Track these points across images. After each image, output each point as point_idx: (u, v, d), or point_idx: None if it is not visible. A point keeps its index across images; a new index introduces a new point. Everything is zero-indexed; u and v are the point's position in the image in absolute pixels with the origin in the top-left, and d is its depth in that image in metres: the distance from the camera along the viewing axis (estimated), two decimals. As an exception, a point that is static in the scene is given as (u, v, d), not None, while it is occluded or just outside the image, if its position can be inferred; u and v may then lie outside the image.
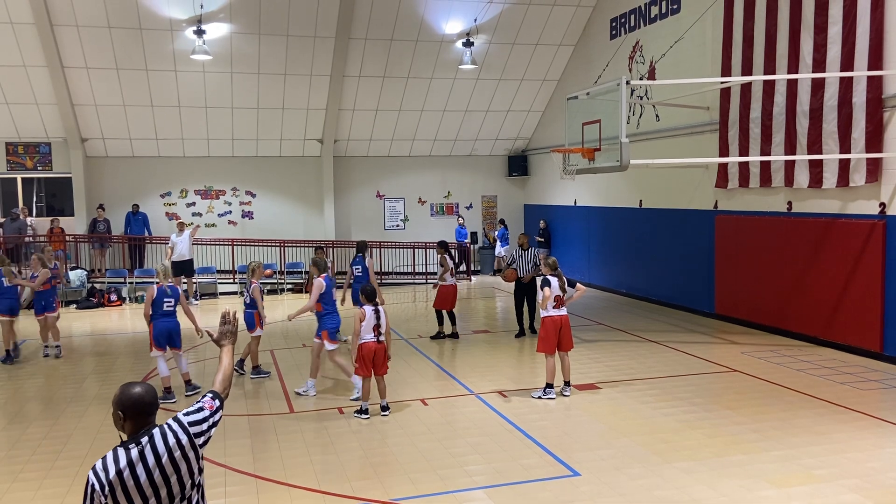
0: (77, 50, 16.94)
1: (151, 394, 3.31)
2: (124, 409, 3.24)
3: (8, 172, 19.21)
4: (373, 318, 8.28)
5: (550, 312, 9.03)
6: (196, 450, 3.32)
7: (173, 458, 3.24)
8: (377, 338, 8.29)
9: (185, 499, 3.30)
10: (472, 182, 22.71)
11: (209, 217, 20.58)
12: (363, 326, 8.27)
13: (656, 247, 15.91)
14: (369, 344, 8.28)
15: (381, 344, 8.33)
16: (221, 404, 3.53)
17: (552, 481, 6.47)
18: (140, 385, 3.33)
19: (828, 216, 11.41)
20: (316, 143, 20.65)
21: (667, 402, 8.75)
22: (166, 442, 3.24)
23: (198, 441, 3.33)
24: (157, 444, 3.22)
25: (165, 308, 9.42)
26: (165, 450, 3.22)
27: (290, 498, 6.26)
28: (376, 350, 8.30)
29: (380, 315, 8.30)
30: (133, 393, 3.27)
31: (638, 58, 16.35)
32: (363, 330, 8.28)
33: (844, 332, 11.08)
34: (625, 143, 10.48)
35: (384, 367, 8.43)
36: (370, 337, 8.28)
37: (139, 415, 3.24)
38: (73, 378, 10.66)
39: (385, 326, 8.35)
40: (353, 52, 18.35)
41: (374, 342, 8.28)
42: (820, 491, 6.12)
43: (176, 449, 3.25)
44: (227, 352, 3.82)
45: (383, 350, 8.37)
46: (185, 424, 3.33)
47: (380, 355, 8.33)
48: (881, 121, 10.43)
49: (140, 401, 3.26)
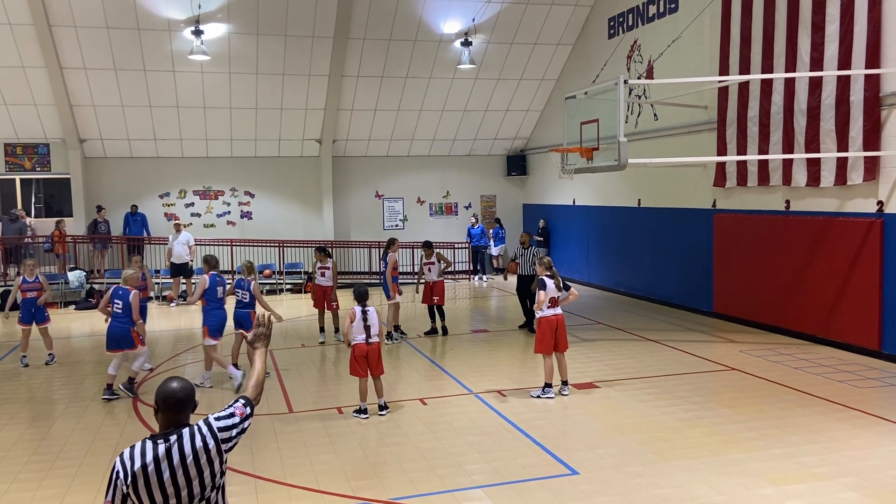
0: (75, 50, 16.94)
1: (186, 391, 3.33)
2: (157, 401, 3.32)
3: (6, 173, 19.21)
4: (362, 318, 8.28)
5: (546, 313, 9.05)
6: (221, 455, 3.32)
7: (198, 461, 3.25)
8: (367, 339, 8.29)
9: (205, 499, 3.31)
10: (471, 182, 22.71)
11: (208, 217, 20.58)
12: (353, 327, 8.28)
13: (655, 246, 15.92)
14: (360, 345, 8.29)
15: (373, 345, 8.33)
16: (252, 411, 3.51)
17: (551, 480, 6.48)
18: (178, 381, 3.36)
19: (825, 215, 11.42)
20: (314, 144, 20.65)
21: (665, 400, 8.76)
22: (194, 444, 3.25)
23: (224, 447, 3.33)
24: (184, 444, 3.24)
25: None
26: (192, 451, 3.24)
27: (289, 497, 6.27)
28: (368, 351, 8.30)
29: (367, 316, 8.30)
30: (167, 388, 3.32)
31: (636, 57, 16.36)
32: (354, 330, 8.29)
33: (843, 330, 11.10)
34: (623, 142, 10.49)
35: (379, 368, 8.44)
36: (361, 338, 8.28)
37: (169, 410, 3.29)
38: (72, 379, 10.66)
39: (377, 327, 8.35)
40: (352, 52, 18.35)
41: (364, 344, 8.28)
42: (818, 489, 6.13)
43: (203, 453, 3.26)
44: (260, 356, 3.80)
45: (376, 351, 8.37)
46: (215, 429, 3.33)
47: (373, 356, 8.33)
48: (879, 119, 10.44)
49: (171, 396, 3.30)
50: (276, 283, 19.51)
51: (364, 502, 6.14)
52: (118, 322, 9.50)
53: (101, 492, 6.47)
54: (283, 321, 10.41)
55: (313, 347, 12.38)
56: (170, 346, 12.86)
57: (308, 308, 14.76)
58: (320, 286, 12.52)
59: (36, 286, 11.53)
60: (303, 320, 14.98)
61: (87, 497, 6.30)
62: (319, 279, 12.52)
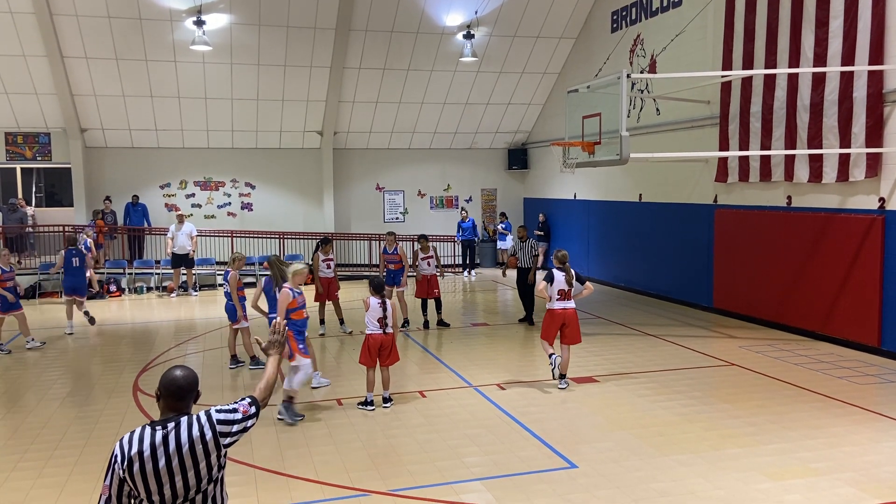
0: (77, 40, 16.90)
1: (188, 379, 3.36)
2: (160, 387, 3.36)
3: (7, 162, 19.19)
4: (378, 310, 8.29)
5: (555, 305, 9.07)
6: (220, 448, 3.33)
7: (194, 451, 3.26)
8: (383, 330, 8.31)
9: (201, 492, 3.31)
10: (472, 175, 22.69)
11: (208, 208, 20.57)
12: (367, 317, 8.32)
13: (655, 241, 15.91)
14: (375, 336, 8.33)
15: (389, 336, 8.36)
16: (258, 412, 3.51)
17: (550, 473, 6.49)
18: (182, 369, 3.40)
19: (827, 211, 11.42)
20: (316, 135, 20.62)
21: (664, 395, 8.77)
22: (191, 433, 3.27)
23: (223, 441, 3.33)
24: (181, 432, 3.26)
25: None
26: (188, 440, 3.25)
27: (289, 489, 6.28)
28: (382, 341, 8.33)
29: (385, 308, 8.31)
30: (170, 375, 3.36)
31: (639, 51, 16.32)
32: (368, 321, 8.32)
33: (842, 326, 11.10)
34: (625, 136, 10.47)
35: (391, 359, 8.45)
36: (375, 328, 8.31)
37: (169, 397, 3.33)
38: (72, 368, 10.68)
39: (392, 319, 8.37)
40: (354, 44, 18.30)
41: (380, 334, 8.32)
42: (816, 484, 6.14)
43: (199, 443, 3.27)
44: (273, 361, 3.81)
45: (391, 342, 8.39)
46: (214, 421, 3.34)
47: (386, 347, 8.37)
48: (881, 116, 10.42)
49: (172, 383, 3.33)
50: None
51: (363, 494, 6.15)
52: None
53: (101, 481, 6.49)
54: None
55: (313, 339, 12.36)
56: (171, 337, 12.86)
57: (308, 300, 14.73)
58: (325, 278, 12.47)
59: (10, 276, 11.79)
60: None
61: (86, 486, 6.32)
62: (325, 271, 12.45)
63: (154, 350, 11.64)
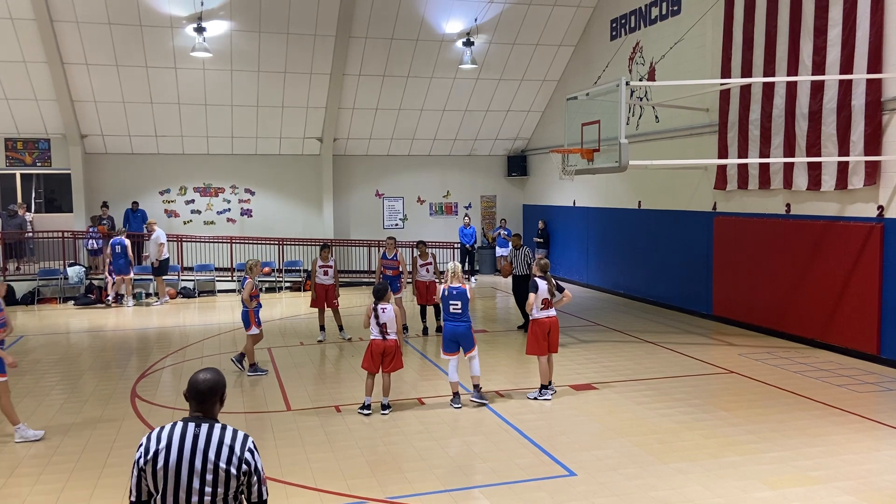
0: (77, 46, 16.93)
1: (209, 384, 3.39)
2: (187, 389, 3.42)
3: (7, 168, 19.19)
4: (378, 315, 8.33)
5: (539, 315, 9.05)
6: (240, 477, 3.28)
7: (219, 456, 3.26)
8: (384, 336, 8.33)
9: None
10: (472, 182, 22.71)
11: (208, 214, 20.57)
12: (371, 323, 8.38)
13: (655, 248, 15.92)
14: (377, 341, 8.37)
15: (389, 342, 8.37)
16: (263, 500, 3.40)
17: (548, 481, 6.48)
18: (207, 372, 3.45)
19: (826, 219, 11.42)
20: (315, 142, 20.65)
21: (663, 402, 8.76)
22: (222, 438, 3.29)
23: (242, 468, 3.29)
24: (213, 434, 3.29)
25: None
26: (217, 444, 3.27)
27: (287, 495, 6.27)
28: (385, 347, 8.35)
29: (378, 315, 8.32)
30: (194, 377, 3.43)
31: (638, 59, 16.36)
32: (371, 327, 8.39)
33: (842, 334, 11.10)
34: (624, 143, 10.49)
35: (393, 365, 8.46)
36: (376, 334, 8.36)
37: (192, 399, 3.38)
38: (70, 374, 10.66)
39: (391, 325, 8.38)
40: (354, 51, 18.35)
41: (380, 340, 8.34)
42: (815, 493, 6.13)
43: (226, 450, 3.28)
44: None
45: (393, 347, 8.40)
46: (249, 446, 3.33)
47: (388, 353, 8.38)
48: (880, 124, 10.44)
49: (194, 385, 3.39)
50: (274, 281, 19.50)
51: (361, 501, 6.14)
52: None
53: (99, 487, 6.48)
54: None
55: (312, 346, 12.37)
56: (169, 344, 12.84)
57: (307, 306, 14.75)
58: (322, 285, 12.48)
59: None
60: (302, 318, 14.97)
61: (83, 493, 6.29)
62: (322, 278, 12.46)
63: (151, 357, 11.62)
